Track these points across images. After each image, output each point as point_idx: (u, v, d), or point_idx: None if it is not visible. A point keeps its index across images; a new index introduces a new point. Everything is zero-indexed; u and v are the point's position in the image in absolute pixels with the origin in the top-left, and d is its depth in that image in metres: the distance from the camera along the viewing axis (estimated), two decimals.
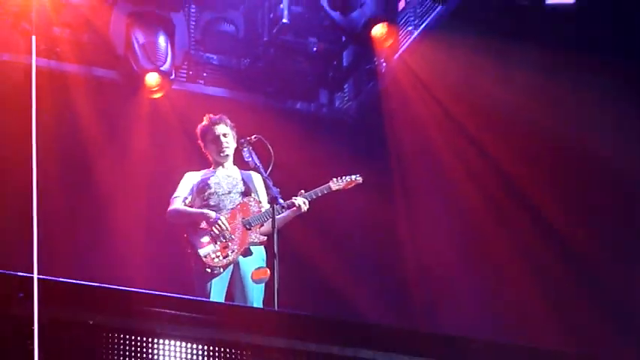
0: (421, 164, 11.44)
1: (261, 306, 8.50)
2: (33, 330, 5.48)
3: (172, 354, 6.42)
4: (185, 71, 11.60)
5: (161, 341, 6.27)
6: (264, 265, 8.48)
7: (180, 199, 9.01)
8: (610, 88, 10.47)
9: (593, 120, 10.61)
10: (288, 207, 8.57)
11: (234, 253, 8.68)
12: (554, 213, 10.94)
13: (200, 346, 6.48)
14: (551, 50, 10.57)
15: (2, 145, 9.60)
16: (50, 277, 5.80)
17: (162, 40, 11.09)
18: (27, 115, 5.96)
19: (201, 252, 8.69)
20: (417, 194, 11.57)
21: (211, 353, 6.51)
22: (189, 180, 9.02)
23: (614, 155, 10.51)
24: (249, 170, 8.88)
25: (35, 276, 5.45)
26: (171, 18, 11.24)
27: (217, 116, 9.11)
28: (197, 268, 8.70)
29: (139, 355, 6.35)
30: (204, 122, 9.06)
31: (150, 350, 6.29)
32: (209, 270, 8.64)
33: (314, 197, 8.78)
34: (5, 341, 5.96)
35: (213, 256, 8.70)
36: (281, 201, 8.44)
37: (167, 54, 11.10)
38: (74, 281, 6.36)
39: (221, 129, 8.98)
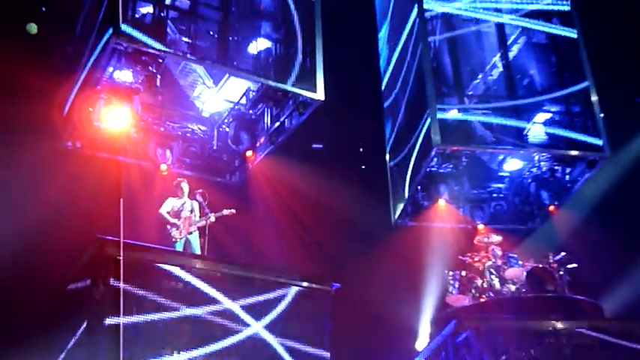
0: (266, 207, 11.65)
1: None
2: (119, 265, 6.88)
3: (170, 270, 7.67)
4: (176, 165, 11.74)
5: (164, 266, 7.65)
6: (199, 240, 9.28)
7: (165, 209, 9.48)
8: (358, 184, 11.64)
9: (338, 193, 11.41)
10: (208, 219, 9.28)
11: (184, 234, 9.32)
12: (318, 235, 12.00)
13: (178, 269, 7.70)
14: (321, 165, 11.56)
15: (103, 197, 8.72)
16: (126, 241, 7.19)
17: (168, 153, 11.53)
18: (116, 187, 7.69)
19: (173, 234, 9.34)
20: (264, 218, 11.67)
21: (182, 271, 7.71)
22: (170, 201, 9.60)
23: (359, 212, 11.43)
24: (193, 200, 9.48)
25: (121, 240, 7.14)
26: (172, 145, 11.62)
27: (181, 179, 9.88)
28: (171, 240, 9.30)
29: (152, 273, 7.48)
30: (176, 182, 9.79)
31: (159, 269, 7.58)
32: (175, 240, 9.31)
33: (218, 216, 9.27)
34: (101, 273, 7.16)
35: (177, 235, 9.33)
36: (210, 217, 9.19)
37: (170, 157, 11.58)
38: (133, 242, 7.71)
39: (183, 185, 9.66)
